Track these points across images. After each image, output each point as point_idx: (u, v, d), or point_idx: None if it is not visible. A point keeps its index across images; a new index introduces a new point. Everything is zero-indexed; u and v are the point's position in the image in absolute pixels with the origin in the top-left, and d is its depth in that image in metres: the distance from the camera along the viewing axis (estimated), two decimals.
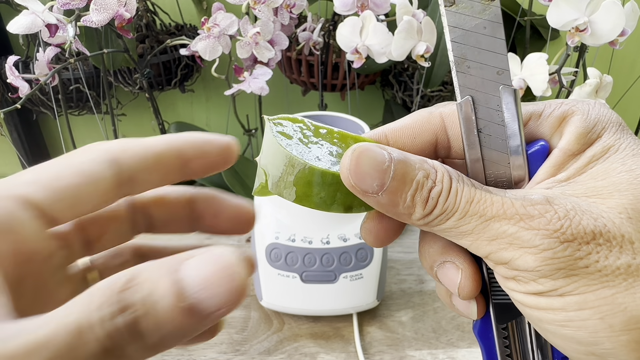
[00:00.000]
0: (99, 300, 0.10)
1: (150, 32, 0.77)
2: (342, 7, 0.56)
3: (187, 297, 0.11)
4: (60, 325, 0.10)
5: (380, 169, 0.17)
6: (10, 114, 0.89)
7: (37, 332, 0.10)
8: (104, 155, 0.15)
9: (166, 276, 0.11)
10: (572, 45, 0.53)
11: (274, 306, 0.52)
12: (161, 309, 0.11)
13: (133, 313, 0.10)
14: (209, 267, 0.11)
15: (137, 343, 0.11)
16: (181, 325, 0.11)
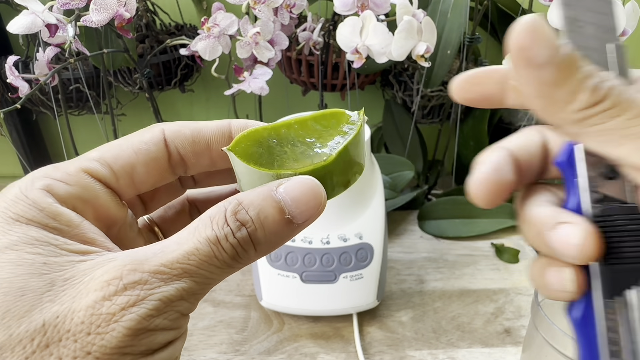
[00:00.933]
0: (220, 223, 0.14)
1: (150, 32, 0.77)
2: (342, 7, 0.56)
3: (287, 211, 0.15)
4: (198, 240, 0.14)
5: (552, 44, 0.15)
6: (10, 114, 0.89)
7: (184, 246, 0.14)
8: (159, 135, 0.17)
9: (269, 198, 0.15)
10: None
11: (274, 306, 0.52)
12: (270, 222, 0.15)
13: (250, 227, 0.14)
14: (299, 189, 0.15)
15: (253, 249, 0.15)
16: (282, 233, 0.15)
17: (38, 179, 0.15)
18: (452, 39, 0.65)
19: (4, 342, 0.12)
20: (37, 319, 0.12)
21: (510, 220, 0.70)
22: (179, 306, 0.13)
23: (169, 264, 0.13)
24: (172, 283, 0.13)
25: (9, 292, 0.12)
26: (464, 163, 0.90)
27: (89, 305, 0.12)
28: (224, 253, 0.14)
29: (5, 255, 0.13)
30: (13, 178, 0.76)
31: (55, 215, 0.14)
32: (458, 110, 0.77)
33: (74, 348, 0.12)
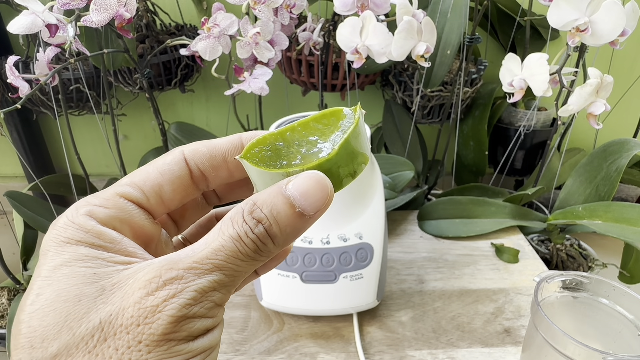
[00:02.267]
0: (239, 222, 0.16)
1: (151, 32, 0.77)
2: (342, 7, 0.56)
3: (297, 206, 0.16)
4: (223, 239, 0.16)
5: None
6: (10, 114, 0.89)
7: (212, 244, 0.16)
8: (179, 156, 0.19)
9: (279, 195, 0.16)
10: (572, 45, 0.53)
11: (274, 306, 0.52)
12: (283, 217, 0.16)
13: (265, 223, 0.16)
14: (307, 183, 0.16)
15: (272, 242, 0.16)
16: (296, 225, 0.16)
17: (81, 207, 0.17)
18: (452, 39, 0.65)
19: (69, 341, 0.14)
20: (94, 318, 0.14)
21: (510, 220, 0.70)
22: (212, 296, 0.15)
23: (200, 260, 0.15)
24: (205, 276, 0.15)
25: (67, 299, 0.15)
26: (464, 163, 0.90)
27: (135, 302, 0.15)
28: (246, 248, 0.16)
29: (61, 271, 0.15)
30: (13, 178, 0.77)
31: (99, 235, 0.16)
32: (458, 110, 0.77)
33: (127, 339, 0.14)
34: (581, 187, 0.69)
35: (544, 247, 0.75)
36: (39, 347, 0.14)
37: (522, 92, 0.58)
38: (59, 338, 0.14)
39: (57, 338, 0.14)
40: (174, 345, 0.15)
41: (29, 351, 0.14)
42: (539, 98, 0.78)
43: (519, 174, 0.93)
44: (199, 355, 0.15)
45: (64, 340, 0.14)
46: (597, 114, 0.56)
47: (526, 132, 0.82)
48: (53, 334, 0.14)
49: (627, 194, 0.97)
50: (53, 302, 0.15)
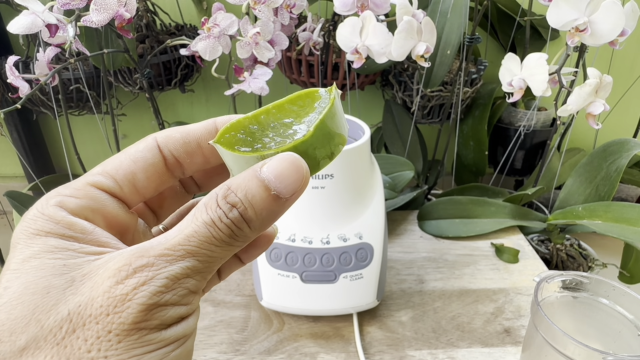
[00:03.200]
0: (213, 207, 0.16)
1: (151, 32, 0.77)
2: (342, 7, 0.56)
3: (272, 189, 0.16)
4: (196, 224, 0.15)
5: None
6: (10, 114, 0.89)
7: (185, 231, 0.15)
8: (152, 143, 0.19)
9: (254, 179, 0.16)
10: (572, 45, 0.53)
11: (274, 306, 0.52)
12: (258, 200, 0.16)
13: (240, 207, 0.16)
14: (282, 165, 0.16)
15: (247, 226, 0.16)
16: (272, 208, 0.16)
17: (51, 197, 0.17)
18: (452, 39, 0.65)
19: (37, 333, 0.14)
20: (63, 310, 0.14)
21: (510, 220, 0.70)
22: (185, 283, 0.15)
23: (172, 247, 0.15)
24: (177, 263, 0.15)
25: (35, 292, 0.14)
26: (464, 163, 0.90)
27: (105, 291, 0.14)
28: (220, 233, 0.15)
29: (29, 264, 0.15)
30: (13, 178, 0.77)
31: (69, 225, 0.16)
32: (458, 110, 0.77)
33: (97, 329, 0.14)
34: (581, 187, 0.69)
35: (544, 247, 0.75)
36: (7, 341, 0.14)
37: (521, 92, 0.58)
38: (26, 331, 0.14)
39: (25, 331, 0.14)
40: (145, 334, 0.14)
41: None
42: (539, 98, 0.78)
43: (519, 174, 0.93)
44: (173, 344, 0.15)
45: (32, 333, 0.14)
46: (596, 114, 0.56)
47: (526, 132, 0.82)
48: (21, 327, 0.14)
49: (627, 194, 0.97)
50: (21, 295, 0.14)
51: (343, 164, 0.49)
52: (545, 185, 0.74)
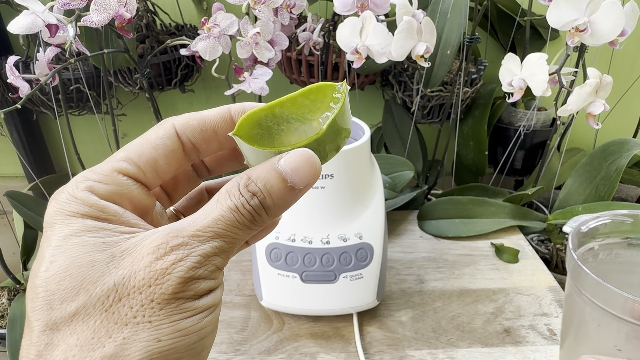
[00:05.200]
0: (236, 195, 0.18)
1: (151, 32, 0.77)
2: (342, 8, 0.56)
3: (288, 180, 0.18)
4: (222, 209, 0.17)
5: None
6: (10, 114, 0.89)
7: (212, 214, 0.17)
8: (171, 130, 0.20)
9: (272, 171, 0.18)
10: (572, 45, 0.53)
11: (274, 306, 0.52)
12: (276, 190, 0.18)
13: (260, 196, 0.18)
14: (298, 160, 0.18)
15: (265, 213, 0.18)
16: (287, 198, 0.18)
17: (80, 182, 0.18)
18: (452, 39, 0.65)
19: (86, 301, 0.16)
20: (109, 281, 0.16)
21: (510, 220, 0.70)
22: (214, 260, 0.17)
23: (202, 229, 0.17)
24: (207, 243, 0.17)
25: (81, 265, 0.16)
26: (463, 163, 0.90)
27: (146, 266, 0.16)
28: (243, 218, 0.18)
29: (71, 240, 0.17)
30: (13, 178, 0.77)
31: (102, 209, 0.18)
32: (458, 110, 0.77)
33: (141, 298, 0.16)
34: (581, 187, 0.69)
35: (544, 247, 0.75)
36: (58, 308, 0.16)
37: (521, 92, 0.58)
38: (76, 300, 0.16)
39: (75, 299, 0.16)
40: (182, 303, 0.16)
41: (48, 312, 0.16)
42: (539, 98, 0.78)
43: (519, 174, 0.94)
44: (204, 312, 0.17)
45: (82, 301, 0.16)
46: (596, 114, 0.56)
47: (526, 132, 0.82)
48: (71, 296, 0.16)
49: (627, 194, 0.97)
50: (68, 268, 0.16)
51: (343, 164, 0.49)
52: (545, 185, 0.74)
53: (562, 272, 0.76)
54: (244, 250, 0.63)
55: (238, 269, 0.61)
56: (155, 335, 0.16)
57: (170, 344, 0.16)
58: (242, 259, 0.62)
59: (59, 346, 0.15)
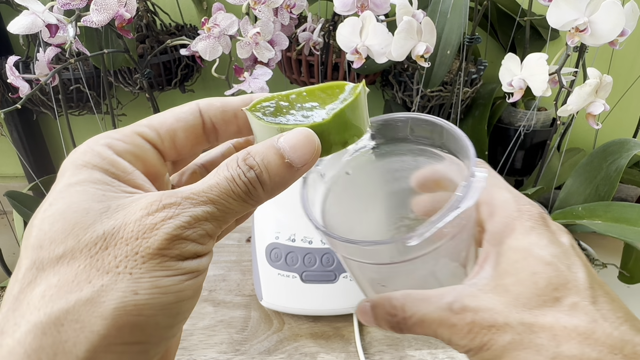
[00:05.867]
0: (233, 166, 0.18)
1: (151, 32, 0.77)
2: (342, 8, 0.56)
3: (286, 157, 0.18)
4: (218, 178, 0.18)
5: None
6: (10, 114, 0.89)
7: (208, 182, 0.18)
8: (195, 107, 0.21)
9: (271, 147, 0.18)
10: (572, 45, 0.53)
11: (274, 306, 0.52)
12: (273, 166, 0.18)
13: (257, 170, 0.18)
14: (297, 137, 0.18)
15: (261, 188, 0.18)
16: (284, 175, 0.18)
17: (102, 137, 0.19)
18: (452, 39, 0.65)
19: (74, 245, 0.16)
20: (99, 229, 0.16)
21: None
22: (204, 225, 0.17)
23: (196, 192, 0.17)
24: (199, 206, 0.17)
25: (77, 211, 0.17)
26: None
27: (136, 219, 0.16)
28: (238, 188, 0.18)
29: (74, 188, 0.17)
30: (13, 178, 0.77)
31: (113, 163, 0.18)
32: (458, 110, 0.77)
33: (126, 249, 0.16)
34: (581, 187, 0.69)
35: None
36: (46, 248, 0.16)
37: (521, 92, 0.58)
38: (65, 242, 0.16)
39: (64, 242, 0.16)
40: (165, 261, 0.16)
41: (37, 251, 0.16)
42: (539, 98, 0.78)
43: (519, 174, 0.93)
44: (187, 275, 0.17)
45: (70, 245, 0.16)
46: (596, 114, 0.56)
47: (526, 132, 0.82)
48: (61, 238, 0.16)
49: (627, 194, 0.97)
50: (64, 211, 0.17)
51: None
52: (545, 185, 0.74)
53: None
54: (244, 250, 0.63)
55: (238, 269, 0.61)
56: (133, 287, 0.16)
57: (147, 299, 0.16)
58: (242, 259, 0.62)
59: (40, 285, 0.16)
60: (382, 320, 0.23)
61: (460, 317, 0.21)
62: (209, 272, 0.59)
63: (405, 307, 0.22)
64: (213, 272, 0.59)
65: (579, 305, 0.19)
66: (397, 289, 0.23)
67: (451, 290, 0.22)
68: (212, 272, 0.59)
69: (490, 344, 0.20)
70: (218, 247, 0.64)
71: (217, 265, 0.61)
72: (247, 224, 0.69)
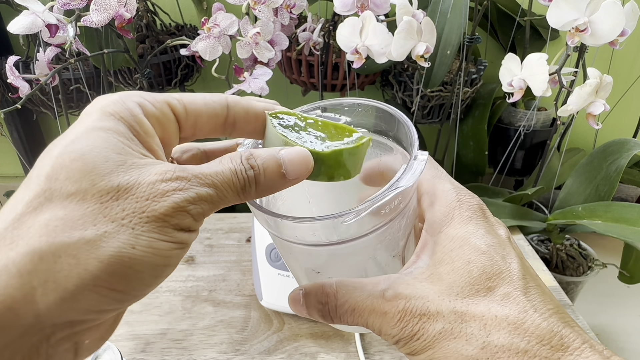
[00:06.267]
0: (237, 161, 0.20)
1: (151, 32, 0.77)
2: (342, 8, 0.56)
3: (283, 167, 0.20)
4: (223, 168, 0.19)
5: None
6: (10, 114, 0.89)
7: (214, 168, 0.19)
8: (224, 99, 0.23)
9: (273, 155, 0.20)
10: (572, 45, 0.53)
11: (274, 306, 0.52)
12: (270, 171, 0.20)
13: (256, 170, 0.20)
14: (295, 154, 0.20)
15: (255, 187, 0.20)
16: (277, 181, 0.20)
17: (135, 95, 0.20)
18: (452, 39, 0.65)
19: (87, 188, 0.17)
20: (114, 180, 0.17)
21: (510, 220, 0.70)
22: (203, 204, 0.19)
23: (204, 174, 0.19)
24: (204, 187, 0.19)
25: (98, 155, 0.17)
26: (464, 163, 0.90)
27: (151, 182, 0.18)
28: (237, 181, 0.19)
29: (99, 132, 0.18)
30: (13, 178, 0.77)
31: (140, 122, 0.19)
32: (458, 110, 0.77)
33: (135, 206, 0.17)
34: (581, 187, 0.69)
35: (544, 247, 0.75)
36: (61, 181, 0.17)
37: (521, 92, 0.58)
38: (80, 182, 0.17)
39: (79, 182, 0.17)
40: (164, 226, 0.18)
41: (50, 181, 0.17)
42: (539, 98, 0.78)
43: (519, 174, 0.94)
44: (177, 244, 0.18)
45: (84, 186, 0.17)
46: (597, 114, 0.56)
47: (526, 132, 0.82)
48: (77, 177, 0.17)
49: (627, 194, 0.97)
50: (85, 153, 0.17)
51: None
52: (545, 185, 0.74)
53: (562, 272, 0.76)
54: (244, 250, 0.63)
55: (238, 269, 0.61)
56: (132, 241, 0.17)
57: (141, 256, 0.17)
58: (242, 259, 0.62)
59: (45, 213, 0.16)
60: (313, 308, 0.23)
61: (392, 304, 0.21)
62: (209, 272, 0.59)
63: (337, 294, 0.22)
64: (213, 272, 0.59)
65: (511, 295, 0.20)
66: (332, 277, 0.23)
67: (386, 278, 0.22)
68: (212, 272, 0.59)
69: (421, 333, 0.20)
70: (218, 247, 0.64)
71: (217, 265, 0.61)
72: (247, 224, 0.69)
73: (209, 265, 0.61)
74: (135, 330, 0.50)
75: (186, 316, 0.52)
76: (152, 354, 0.47)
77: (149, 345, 0.48)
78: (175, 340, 0.49)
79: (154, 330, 0.50)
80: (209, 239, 0.65)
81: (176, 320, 0.52)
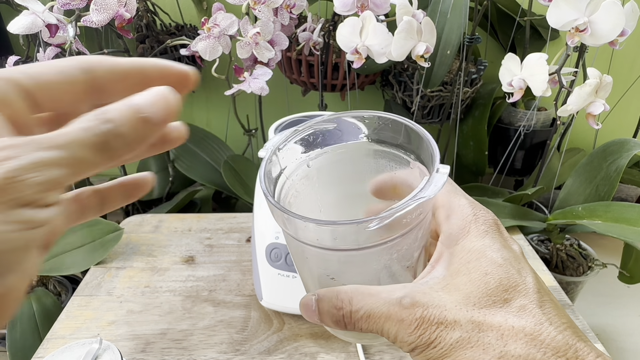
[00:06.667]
0: (87, 118, 0.17)
1: (151, 32, 0.77)
2: (342, 8, 0.56)
3: (142, 112, 0.18)
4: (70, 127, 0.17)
5: None
6: None
7: (60, 130, 0.17)
8: (81, 63, 0.20)
9: (127, 104, 0.18)
10: (572, 45, 0.53)
11: (274, 306, 0.52)
12: (129, 120, 0.18)
13: (113, 122, 0.18)
14: (152, 94, 0.19)
15: (119, 140, 0.18)
16: (142, 130, 0.18)
17: None
18: (452, 39, 0.65)
19: None
20: None
21: (510, 220, 0.70)
22: (51, 170, 0.16)
23: (46, 137, 0.16)
24: (45, 151, 0.16)
25: None
26: (464, 163, 0.90)
27: None
28: (92, 137, 0.17)
29: None
30: None
31: None
32: (458, 110, 0.77)
33: None
34: (581, 187, 0.69)
35: (544, 247, 0.75)
36: None
37: (521, 92, 0.58)
38: None
39: None
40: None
41: None
42: (539, 98, 0.78)
43: (519, 174, 0.94)
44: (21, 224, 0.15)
45: None
46: (596, 114, 0.56)
47: (526, 132, 0.82)
48: None
49: (627, 194, 0.97)
50: None
51: None
52: (545, 185, 0.74)
53: (562, 272, 0.76)
54: (244, 250, 0.63)
55: (238, 269, 0.61)
56: None
57: None
58: (242, 259, 0.62)
59: None
60: (326, 314, 0.23)
61: (410, 311, 0.21)
62: (209, 272, 0.59)
63: (352, 300, 0.22)
64: (213, 272, 0.59)
65: (527, 308, 0.20)
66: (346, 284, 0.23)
67: (402, 287, 0.22)
68: (212, 272, 0.59)
69: (438, 341, 0.20)
70: (218, 247, 0.64)
71: (217, 265, 0.61)
72: (247, 224, 0.69)
73: (209, 265, 0.61)
74: (135, 330, 0.50)
75: (186, 316, 0.52)
76: (152, 354, 0.47)
77: (149, 345, 0.48)
78: (175, 340, 0.49)
79: (154, 330, 0.50)
80: (209, 239, 0.65)
81: (176, 320, 0.52)
